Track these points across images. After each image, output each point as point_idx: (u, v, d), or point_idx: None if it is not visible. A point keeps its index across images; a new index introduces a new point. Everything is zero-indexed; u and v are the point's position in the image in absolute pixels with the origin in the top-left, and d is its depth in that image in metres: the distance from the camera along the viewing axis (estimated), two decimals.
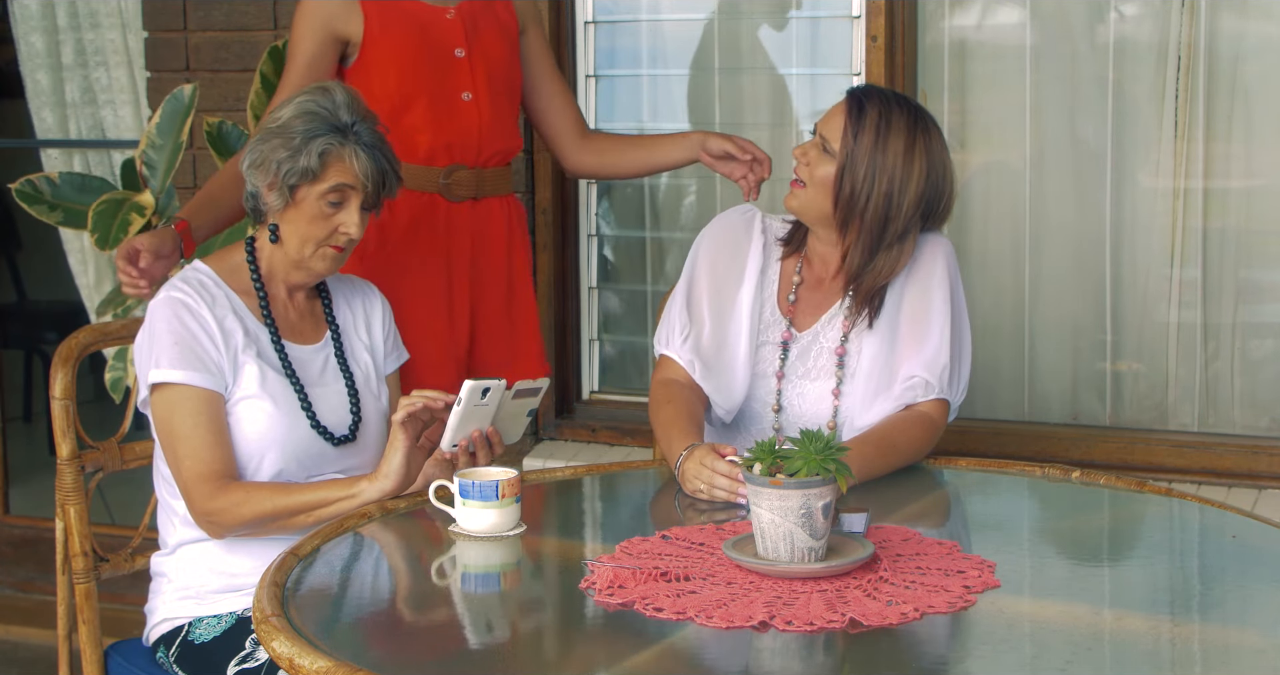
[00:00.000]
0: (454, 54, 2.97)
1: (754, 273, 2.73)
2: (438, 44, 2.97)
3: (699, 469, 2.42)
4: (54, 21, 4.48)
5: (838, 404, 2.66)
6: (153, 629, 2.56)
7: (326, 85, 2.59)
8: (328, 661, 1.75)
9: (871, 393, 2.63)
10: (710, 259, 2.76)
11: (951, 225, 3.56)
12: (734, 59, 3.67)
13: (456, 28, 2.98)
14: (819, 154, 2.64)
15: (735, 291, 2.72)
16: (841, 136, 2.61)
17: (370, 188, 2.53)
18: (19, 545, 4.36)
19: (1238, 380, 3.43)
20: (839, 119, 2.63)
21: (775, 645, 1.84)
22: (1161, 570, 2.15)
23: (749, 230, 2.77)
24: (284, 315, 2.62)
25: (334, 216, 2.53)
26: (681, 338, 2.71)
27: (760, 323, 2.71)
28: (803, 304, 2.72)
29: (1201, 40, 3.35)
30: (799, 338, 2.70)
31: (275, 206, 2.54)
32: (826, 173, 2.63)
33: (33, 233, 6.10)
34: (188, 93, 3.26)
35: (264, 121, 2.59)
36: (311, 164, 2.49)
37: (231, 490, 2.43)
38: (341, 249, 2.56)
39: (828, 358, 2.67)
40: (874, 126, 2.60)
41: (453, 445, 2.48)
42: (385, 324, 2.75)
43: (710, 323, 2.70)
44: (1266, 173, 3.38)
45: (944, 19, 3.55)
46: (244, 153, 2.58)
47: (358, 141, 2.52)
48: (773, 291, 2.73)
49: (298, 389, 2.56)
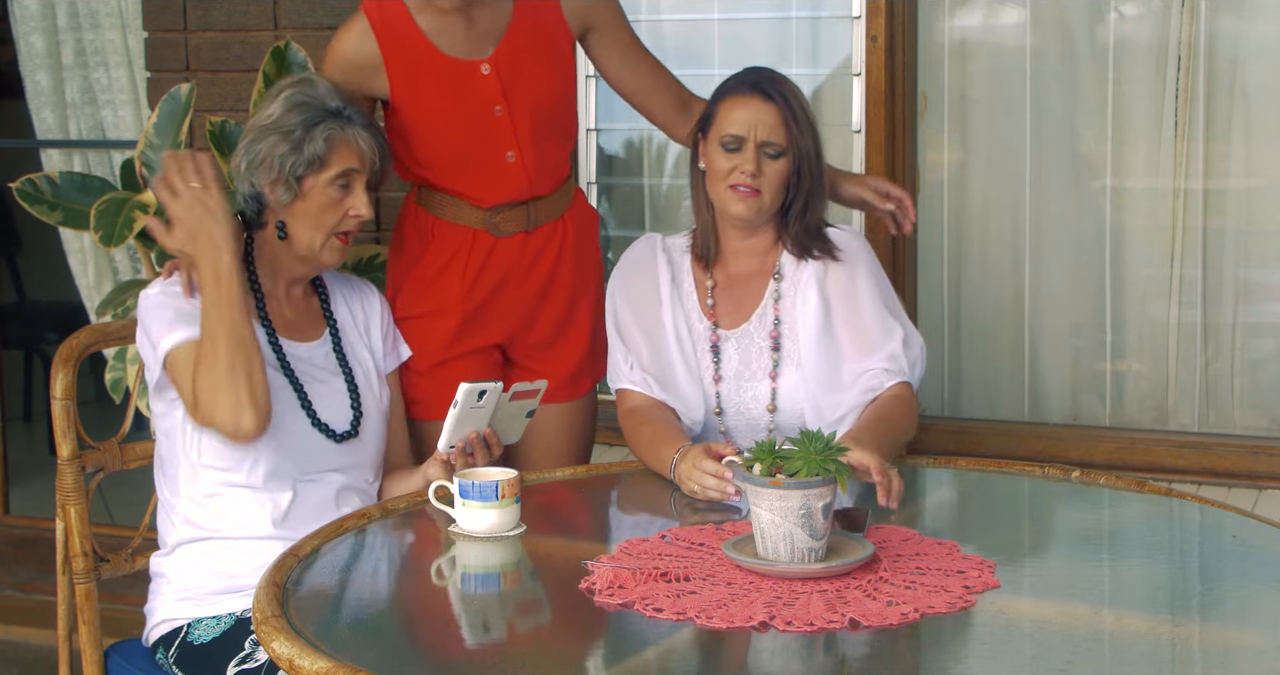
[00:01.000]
0: (493, 112, 2.83)
1: (666, 290, 2.76)
2: (474, 104, 2.83)
3: (690, 470, 2.44)
4: (54, 22, 4.48)
5: (775, 387, 2.68)
6: (152, 629, 2.56)
7: (305, 76, 2.60)
8: (328, 662, 1.75)
9: (815, 379, 2.65)
10: (625, 292, 2.79)
11: (952, 225, 3.57)
12: (734, 59, 3.66)
13: (492, 84, 2.83)
14: (765, 160, 2.67)
15: (656, 311, 2.75)
16: (785, 131, 2.66)
17: (376, 165, 2.57)
18: (19, 545, 4.36)
19: (1238, 380, 3.43)
20: (773, 118, 2.66)
21: (775, 645, 1.84)
22: (1161, 570, 2.15)
23: (652, 254, 2.80)
24: (280, 313, 2.62)
25: (343, 201, 2.56)
26: (628, 366, 2.74)
27: (689, 333, 2.74)
28: (723, 305, 2.76)
29: (1201, 40, 3.35)
30: (729, 337, 2.72)
31: (281, 202, 2.54)
32: (780, 169, 2.67)
33: (33, 233, 6.09)
34: (185, 92, 3.25)
35: (248, 126, 2.58)
36: (318, 151, 2.51)
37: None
38: (348, 240, 2.59)
39: (770, 355, 2.69)
40: (801, 108, 2.67)
41: (449, 446, 2.48)
42: (384, 323, 2.75)
43: (645, 345, 2.74)
44: (1266, 173, 3.38)
45: (944, 19, 3.54)
46: (235, 159, 2.57)
47: (356, 123, 2.55)
48: (693, 302, 2.76)
49: (296, 387, 2.56)
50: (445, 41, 2.82)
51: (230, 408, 2.41)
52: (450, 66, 2.81)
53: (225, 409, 2.41)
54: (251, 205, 2.58)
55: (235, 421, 2.41)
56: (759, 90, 2.67)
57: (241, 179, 2.56)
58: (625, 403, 2.73)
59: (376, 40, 2.81)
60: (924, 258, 3.59)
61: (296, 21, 3.73)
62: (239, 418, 2.41)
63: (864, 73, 3.45)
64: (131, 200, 3.21)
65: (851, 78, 3.48)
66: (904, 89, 3.47)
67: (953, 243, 3.59)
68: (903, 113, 3.47)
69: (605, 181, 3.83)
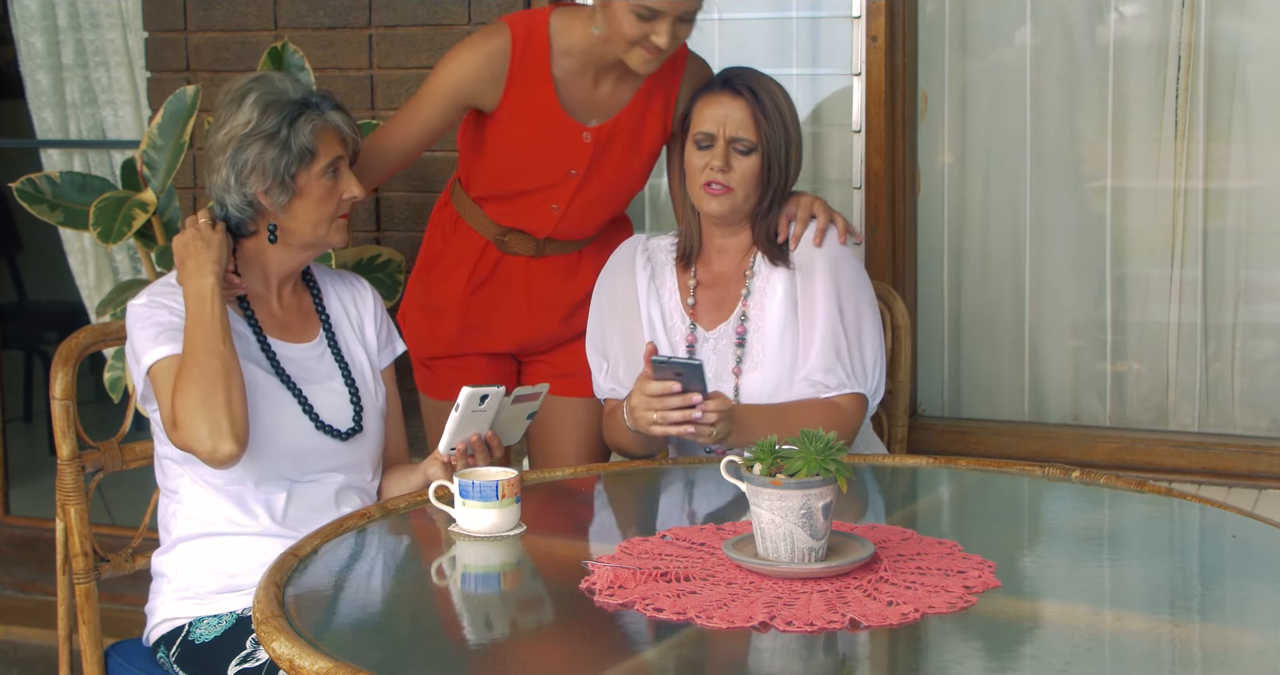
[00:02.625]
0: (567, 173, 2.88)
1: (644, 289, 2.79)
2: (556, 159, 2.87)
3: (640, 399, 2.50)
4: (54, 22, 4.48)
5: (738, 383, 2.70)
6: (153, 629, 2.56)
7: (257, 76, 2.59)
8: (328, 662, 1.75)
9: (773, 378, 2.67)
10: (607, 292, 2.83)
11: (952, 225, 3.57)
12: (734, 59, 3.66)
13: (585, 152, 2.87)
14: (735, 156, 2.67)
15: (635, 310, 2.78)
16: (755, 127, 2.67)
17: (354, 143, 2.60)
18: (19, 545, 4.35)
19: (1238, 380, 3.43)
20: (741, 114, 2.67)
21: (775, 645, 1.84)
22: (1161, 570, 2.15)
23: (632, 256, 2.83)
24: (272, 316, 2.62)
25: (336, 187, 2.58)
26: (602, 375, 2.80)
27: (666, 331, 2.77)
28: (704, 304, 2.77)
29: (1201, 40, 3.35)
30: (708, 337, 2.73)
31: (278, 205, 2.54)
32: (751, 165, 2.69)
33: (33, 233, 6.09)
34: (190, 94, 3.25)
35: (220, 138, 2.53)
36: (306, 144, 2.52)
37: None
38: (349, 217, 2.63)
39: (734, 351, 2.71)
40: (770, 98, 2.69)
41: (450, 448, 2.48)
42: (378, 319, 2.75)
43: (622, 347, 2.77)
44: (1266, 173, 3.38)
45: (944, 19, 3.54)
46: (216, 175, 2.55)
47: (327, 108, 2.57)
48: (675, 301, 2.78)
49: (293, 389, 2.56)
50: (566, 94, 2.85)
51: (209, 435, 2.40)
52: (559, 119, 2.84)
53: (203, 435, 2.40)
54: (245, 213, 2.57)
55: (213, 448, 2.41)
56: (729, 87, 2.71)
57: (231, 192, 2.55)
58: (604, 409, 2.81)
59: (510, 63, 2.82)
60: (924, 258, 3.59)
61: (296, 21, 3.73)
62: (217, 445, 2.41)
63: (864, 73, 3.45)
64: (131, 199, 3.21)
65: (851, 78, 3.48)
66: (904, 89, 3.47)
67: (953, 243, 3.59)
68: (903, 113, 3.47)
69: None
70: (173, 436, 2.44)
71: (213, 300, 2.46)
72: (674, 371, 2.48)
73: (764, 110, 2.68)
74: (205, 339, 2.43)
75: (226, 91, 2.59)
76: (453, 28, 3.60)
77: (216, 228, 2.53)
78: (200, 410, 2.39)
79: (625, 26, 2.68)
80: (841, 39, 3.51)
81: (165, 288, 2.55)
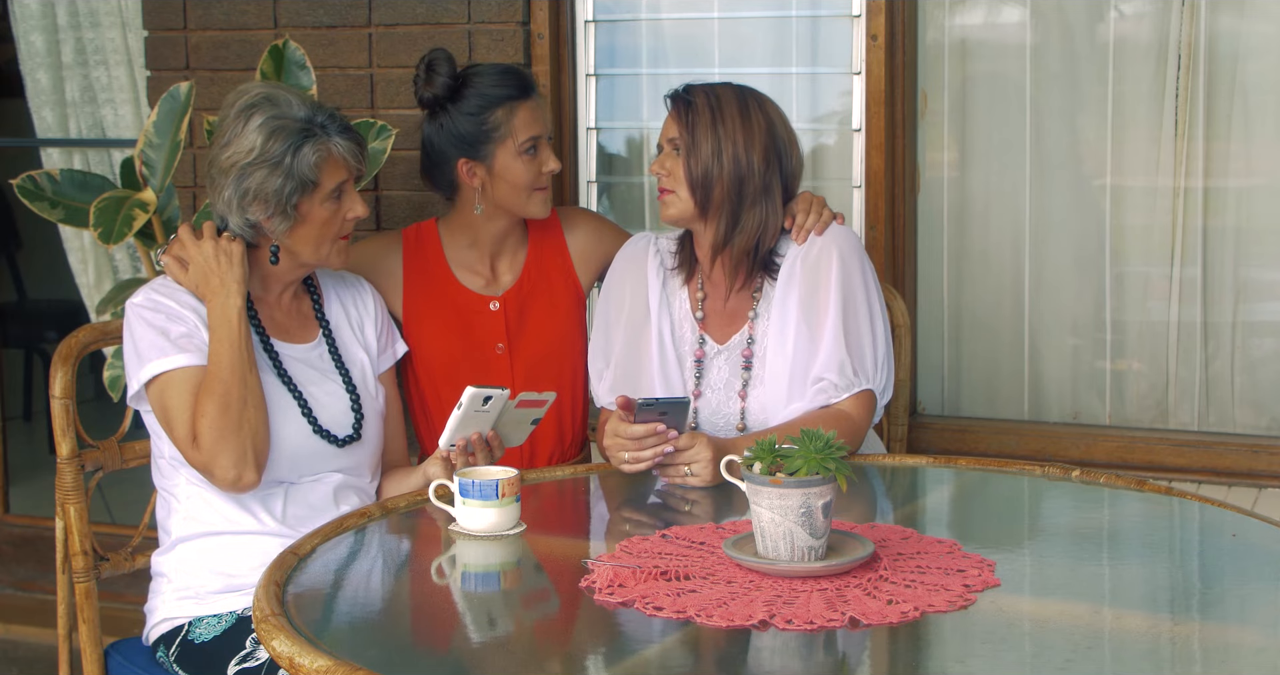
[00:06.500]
0: (495, 349, 2.93)
1: (657, 302, 2.77)
2: (475, 336, 2.93)
3: (612, 440, 2.51)
4: (54, 20, 4.48)
5: (744, 406, 2.68)
6: (153, 628, 2.56)
7: (265, 95, 2.53)
8: (328, 661, 1.75)
9: (784, 394, 2.64)
10: (616, 304, 2.81)
11: (952, 224, 3.57)
12: (734, 58, 3.66)
13: (498, 322, 2.93)
14: (672, 159, 2.70)
15: (646, 326, 2.76)
16: (679, 129, 2.68)
17: (360, 165, 2.58)
18: (19, 544, 4.35)
19: (1238, 379, 3.43)
20: (676, 115, 2.70)
21: (775, 644, 1.84)
22: (1161, 569, 2.15)
23: (644, 255, 2.82)
24: (272, 317, 2.62)
25: (339, 210, 2.56)
26: (598, 381, 2.79)
27: (674, 343, 2.75)
28: (713, 317, 2.75)
29: (1201, 40, 3.35)
30: (720, 351, 2.72)
31: (280, 230, 2.53)
32: (680, 163, 2.69)
33: (33, 232, 6.10)
34: (184, 91, 3.25)
35: (224, 161, 2.51)
36: (308, 175, 2.49)
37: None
38: (349, 238, 2.62)
39: (741, 374, 2.70)
40: (705, 106, 2.68)
41: (450, 445, 2.48)
42: (378, 320, 2.75)
43: (623, 366, 2.75)
44: (1266, 172, 3.38)
45: (944, 18, 3.54)
46: (219, 195, 2.53)
47: (333, 131, 2.53)
48: (685, 310, 2.77)
49: (294, 392, 2.55)
50: (464, 275, 2.95)
51: (234, 463, 2.43)
52: (462, 295, 2.93)
53: (228, 464, 2.43)
54: (247, 234, 2.56)
55: (236, 477, 2.44)
56: (673, 96, 2.74)
57: (233, 214, 2.53)
58: (602, 418, 2.79)
59: (404, 255, 2.94)
60: (924, 256, 3.59)
61: (296, 20, 3.72)
62: (241, 473, 2.44)
63: (864, 72, 3.45)
64: (131, 198, 3.20)
65: (851, 77, 3.48)
66: (904, 88, 3.47)
67: (953, 242, 3.58)
68: (903, 112, 3.47)
69: (605, 180, 3.83)
70: (190, 455, 2.45)
71: (240, 322, 2.45)
72: (658, 412, 2.48)
73: (692, 110, 2.68)
74: (235, 364, 2.43)
75: (231, 103, 2.54)
76: (453, 27, 3.59)
77: (236, 241, 2.52)
78: (230, 438, 2.41)
79: (519, 174, 2.84)
80: (841, 38, 3.51)
81: (164, 287, 2.55)
